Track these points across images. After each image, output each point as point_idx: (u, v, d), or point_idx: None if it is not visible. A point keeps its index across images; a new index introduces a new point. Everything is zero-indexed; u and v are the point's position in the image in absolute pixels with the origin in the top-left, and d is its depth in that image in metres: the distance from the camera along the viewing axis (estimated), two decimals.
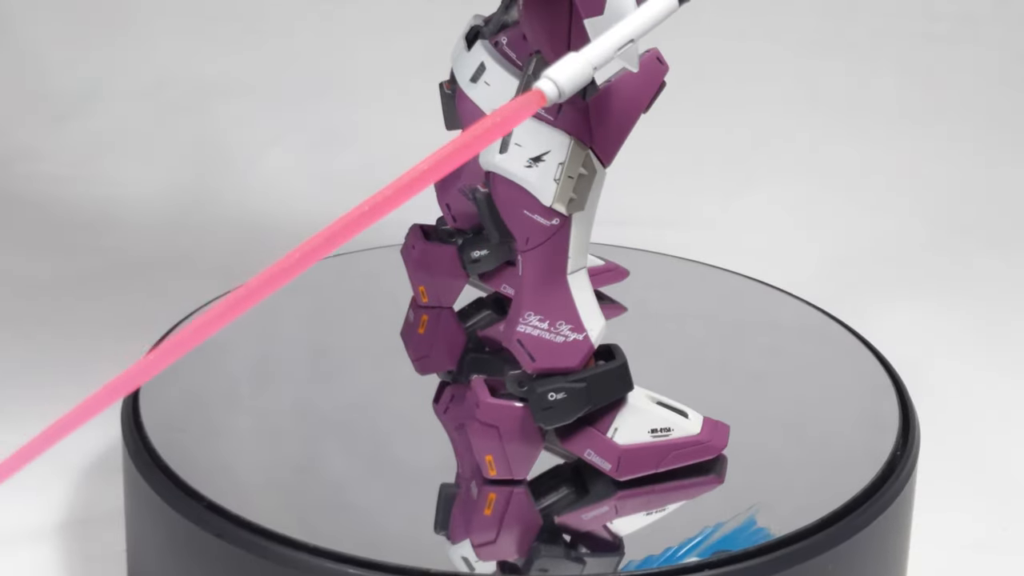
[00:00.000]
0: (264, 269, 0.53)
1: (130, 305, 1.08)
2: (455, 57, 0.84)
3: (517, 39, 0.82)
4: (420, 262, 0.89)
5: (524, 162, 0.69)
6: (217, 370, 0.88)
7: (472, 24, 0.84)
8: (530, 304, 0.72)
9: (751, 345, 0.92)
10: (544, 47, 0.70)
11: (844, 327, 0.93)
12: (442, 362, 0.87)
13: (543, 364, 0.72)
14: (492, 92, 0.81)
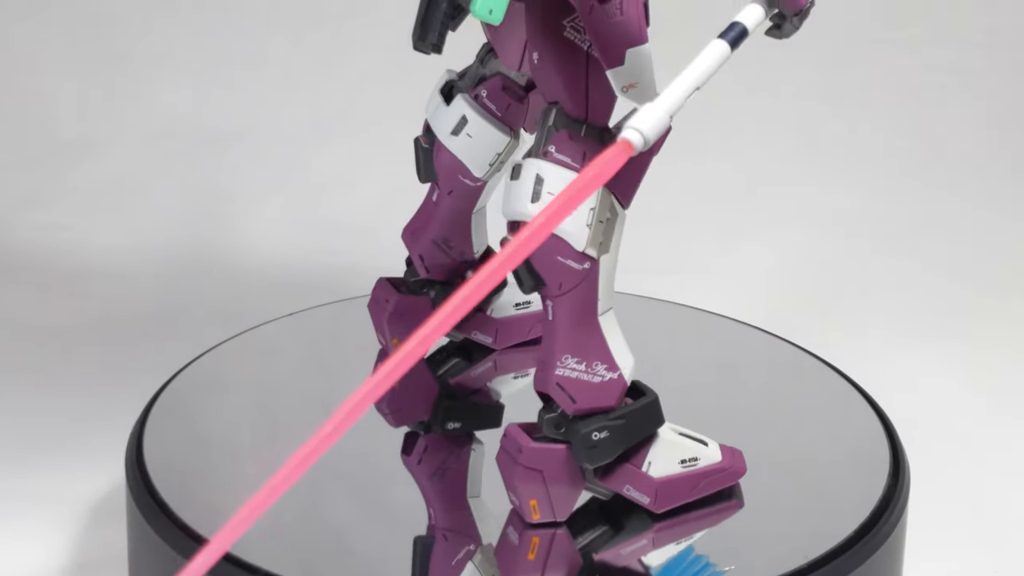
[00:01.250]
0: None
1: (131, 351, 1.08)
2: (431, 111, 0.86)
3: (496, 91, 0.84)
4: (395, 315, 0.89)
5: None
6: (219, 414, 0.89)
7: (447, 78, 0.86)
8: (566, 347, 0.73)
9: (744, 388, 0.93)
10: (562, 97, 0.72)
11: (835, 371, 0.94)
12: (416, 413, 0.87)
13: (584, 405, 0.73)
14: (474, 144, 0.84)
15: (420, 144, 0.86)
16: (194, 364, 0.92)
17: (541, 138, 0.72)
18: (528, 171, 0.72)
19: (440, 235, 0.88)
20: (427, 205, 0.89)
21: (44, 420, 0.99)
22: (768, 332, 1.00)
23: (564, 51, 0.72)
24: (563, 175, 0.71)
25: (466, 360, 0.92)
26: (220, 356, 0.94)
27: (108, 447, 0.91)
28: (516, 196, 0.72)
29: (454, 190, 0.87)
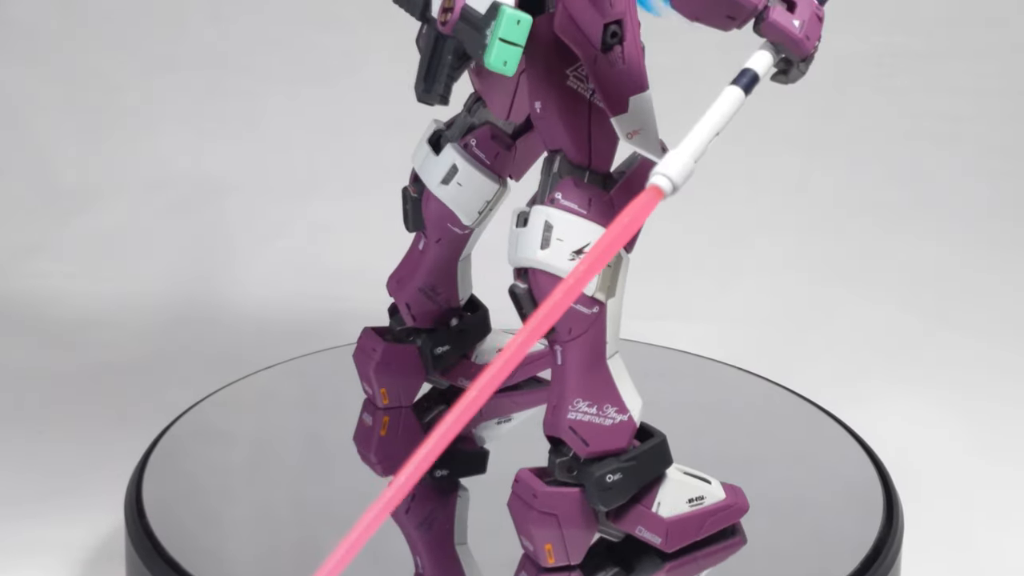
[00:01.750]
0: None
1: (131, 398, 1.08)
2: (420, 161, 0.87)
3: (486, 140, 0.85)
4: (382, 364, 0.90)
5: (567, 256, 0.72)
6: (218, 461, 0.90)
7: (434, 128, 0.87)
8: (577, 391, 0.74)
9: (738, 432, 0.93)
10: (566, 145, 0.73)
11: (829, 416, 0.94)
12: (404, 461, 0.88)
13: (596, 448, 0.74)
14: (464, 192, 0.85)
15: (409, 194, 0.87)
16: (192, 410, 0.93)
17: (546, 186, 0.73)
18: (536, 218, 0.72)
19: (427, 283, 0.89)
20: (413, 254, 0.90)
21: (44, 467, 1.00)
22: (761, 376, 1.00)
23: (567, 100, 0.73)
24: (571, 221, 0.72)
25: (450, 407, 0.93)
26: (218, 402, 0.94)
27: (107, 493, 0.91)
28: (525, 243, 0.73)
29: (442, 238, 0.87)
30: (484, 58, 0.67)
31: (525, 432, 0.91)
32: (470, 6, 0.70)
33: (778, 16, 0.69)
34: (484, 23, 0.68)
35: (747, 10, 0.68)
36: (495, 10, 0.67)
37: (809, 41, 0.70)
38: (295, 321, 1.20)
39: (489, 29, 0.67)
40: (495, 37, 0.67)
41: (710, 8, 0.68)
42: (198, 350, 1.16)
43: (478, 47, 0.68)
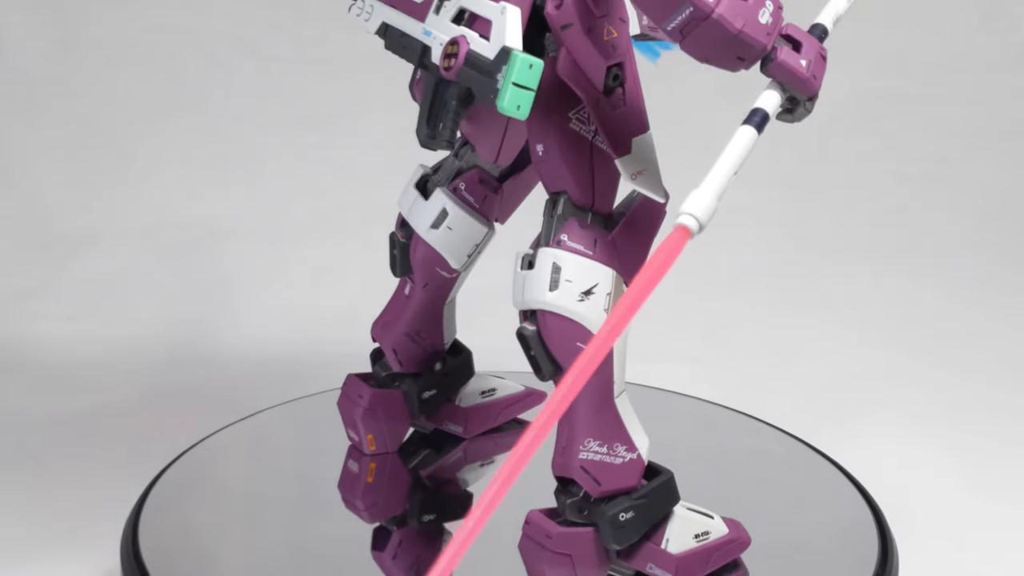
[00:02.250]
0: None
1: (127, 441, 1.08)
2: (408, 206, 0.87)
3: (474, 184, 0.85)
4: (369, 410, 0.90)
5: (576, 297, 0.73)
6: (214, 503, 0.90)
7: (421, 173, 0.87)
8: (587, 431, 0.74)
9: (735, 476, 0.94)
10: (570, 187, 0.74)
11: (825, 458, 0.95)
12: (391, 507, 0.88)
13: (608, 487, 0.75)
14: (454, 236, 0.85)
15: (397, 239, 0.88)
16: (189, 453, 0.93)
17: (550, 228, 0.74)
18: (544, 260, 0.73)
19: (413, 328, 0.90)
20: (398, 299, 0.90)
21: (40, 510, 0.99)
22: (759, 419, 1.01)
23: (570, 142, 0.73)
24: (579, 263, 0.73)
25: (436, 451, 0.93)
26: (215, 445, 0.95)
27: (104, 536, 0.91)
28: (533, 286, 0.73)
29: (429, 283, 0.88)
30: (497, 103, 0.68)
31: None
32: (475, 51, 0.70)
33: (786, 56, 0.69)
34: (494, 68, 0.68)
35: (756, 51, 0.69)
36: (506, 55, 0.68)
37: (816, 80, 0.71)
38: (291, 364, 1.21)
39: (501, 74, 0.68)
40: (508, 82, 0.67)
41: (720, 50, 0.68)
42: (194, 393, 1.16)
43: (489, 92, 0.69)
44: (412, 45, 0.76)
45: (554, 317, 0.73)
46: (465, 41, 0.71)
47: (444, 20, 0.74)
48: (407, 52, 0.76)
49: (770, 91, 0.70)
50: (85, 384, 1.18)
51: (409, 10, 0.77)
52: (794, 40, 0.70)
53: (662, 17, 0.67)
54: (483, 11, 0.72)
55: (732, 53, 0.68)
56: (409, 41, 0.76)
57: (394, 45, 0.77)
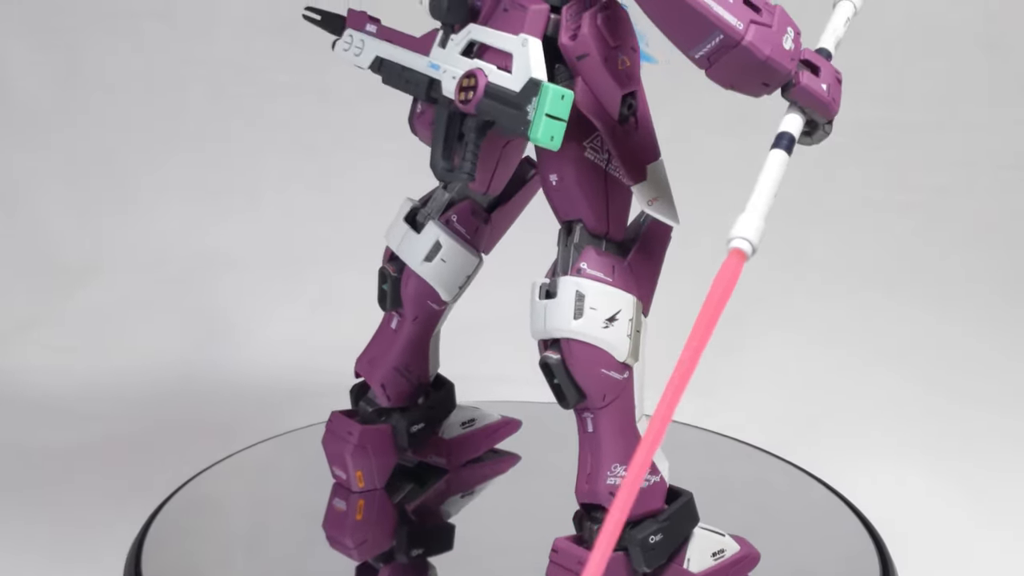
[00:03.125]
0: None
1: (130, 471, 1.08)
2: (398, 240, 0.87)
3: (466, 215, 0.86)
4: (359, 446, 0.89)
5: (601, 324, 0.73)
6: (216, 532, 0.90)
7: (410, 206, 0.87)
8: (613, 456, 0.75)
9: (738, 506, 0.94)
10: (585, 215, 0.74)
11: (827, 488, 0.95)
12: (380, 543, 0.88)
13: (637, 511, 0.76)
14: (447, 268, 0.86)
15: (388, 273, 0.87)
16: (191, 483, 0.93)
17: (567, 257, 0.75)
18: (566, 289, 0.73)
19: (401, 362, 0.89)
20: (385, 333, 0.90)
21: (43, 539, 0.99)
22: (759, 448, 1.01)
23: (586, 171, 0.74)
24: (602, 290, 0.73)
25: (419, 485, 0.93)
26: (216, 475, 0.95)
27: (106, 567, 0.91)
28: (557, 314, 0.73)
29: (419, 316, 0.88)
30: (531, 134, 0.68)
31: (488, 506, 0.92)
32: (496, 84, 0.71)
33: (808, 81, 0.70)
34: (523, 100, 0.69)
35: (782, 76, 0.69)
36: (536, 87, 0.69)
37: (835, 103, 0.72)
38: (291, 394, 1.21)
39: (531, 105, 0.68)
40: (541, 113, 0.68)
41: (747, 76, 0.69)
42: (195, 423, 1.16)
43: (519, 123, 0.69)
44: (416, 79, 0.76)
45: (579, 345, 0.73)
46: (482, 74, 0.71)
47: (453, 53, 0.74)
48: (410, 86, 0.77)
49: (792, 115, 0.71)
50: (86, 414, 1.18)
51: (409, 45, 0.78)
52: (812, 64, 0.71)
53: (691, 45, 0.68)
54: (500, 44, 0.72)
55: (758, 79, 0.69)
56: (412, 75, 0.76)
57: (394, 79, 0.78)
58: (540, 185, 0.80)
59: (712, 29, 0.67)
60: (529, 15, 0.73)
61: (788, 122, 0.70)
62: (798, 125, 0.70)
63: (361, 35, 0.81)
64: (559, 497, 0.82)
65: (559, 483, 0.82)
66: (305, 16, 0.84)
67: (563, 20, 0.72)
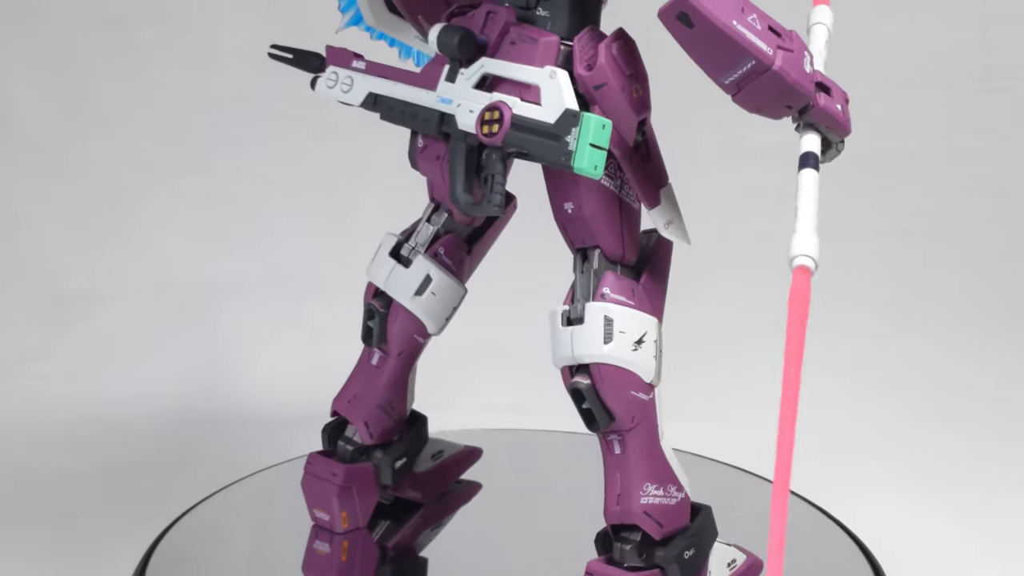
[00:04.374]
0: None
1: (132, 500, 1.08)
2: (384, 276, 0.85)
3: (452, 247, 0.85)
4: (345, 487, 0.88)
5: (631, 347, 0.74)
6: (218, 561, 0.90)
7: (394, 241, 0.86)
8: (644, 476, 0.76)
9: (737, 533, 0.93)
10: (604, 241, 0.75)
11: (830, 518, 0.95)
12: None
13: (669, 528, 0.76)
14: (437, 302, 0.85)
15: (376, 309, 0.86)
16: (193, 511, 0.93)
17: (588, 283, 0.75)
18: (594, 315, 0.74)
19: (385, 399, 0.88)
20: (365, 370, 0.88)
21: (45, 570, 0.99)
22: (758, 475, 1.01)
23: (603, 198, 0.75)
24: (628, 313, 0.74)
25: (396, 521, 0.92)
26: (219, 503, 0.95)
27: None
28: (586, 340, 0.74)
29: (404, 351, 0.87)
30: (575, 164, 0.69)
31: (463, 535, 0.92)
32: (524, 116, 0.71)
33: (826, 102, 0.72)
34: (560, 131, 0.69)
35: (804, 99, 0.71)
36: (575, 117, 0.69)
37: (849, 122, 0.73)
38: (293, 422, 1.21)
39: (571, 136, 0.69)
40: (584, 143, 0.69)
41: (773, 100, 0.71)
42: (196, 452, 1.16)
43: (559, 154, 0.69)
44: (425, 114, 0.76)
45: (610, 368, 0.74)
46: (506, 106, 0.72)
47: (465, 87, 0.74)
48: (417, 121, 0.76)
49: (810, 135, 0.72)
50: (88, 444, 1.18)
51: (408, 79, 0.78)
52: (824, 86, 0.72)
53: (723, 71, 0.69)
54: (521, 76, 0.73)
55: (783, 102, 0.71)
56: (419, 110, 0.76)
57: (395, 115, 0.78)
58: (509, 216, 0.82)
59: (745, 56, 0.68)
60: (541, 47, 0.73)
61: (809, 142, 0.72)
62: (818, 144, 0.72)
63: (347, 72, 0.80)
64: (530, 523, 0.84)
65: (524, 508, 0.84)
66: (273, 55, 0.83)
67: (576, 51, 0.73)
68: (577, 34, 0.74)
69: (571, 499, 0.94)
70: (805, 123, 0.72)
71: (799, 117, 0.72)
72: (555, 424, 1.06)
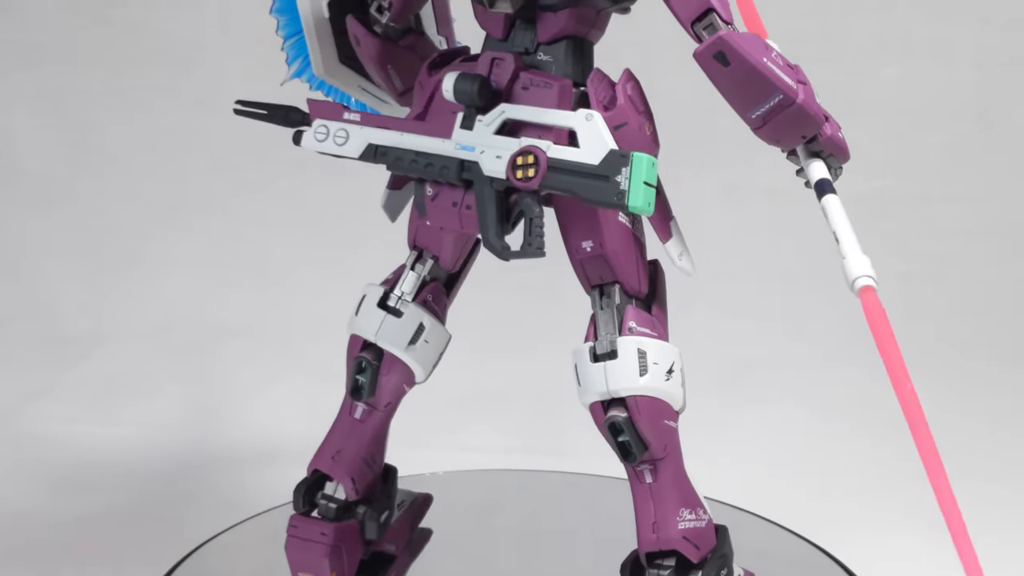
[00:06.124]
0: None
1: (135, 541, 1.09)
2: (375, 328, 0.83)
3: (437, 294, 0.85)
4: (335, 547, 0.86)
5: (663, 377, 0.76)
6: None
7: (382, 291, 0.84)
8: (678, 502, 0.77)
9: None
10: (625, 277, 0.77)
11: (830, 558, 0.95)
12: None
13: (704, 550, 0.78)
14: (430, 349, 0.84)
15: (369, 363, 0.83)
16: (197, 553, 0.93)
17: (611, 318, 0.76)
18: (627, 349, 0.75)
19: (368, 452, 0.86)
20: (346, 425, 0.87)
21: None
22: (756, 515, 1.01)
23: (622, 235, 0.77)
24: (657, 345, 0.76)
25: (373, 574, 0.90)
26: (222, 545, 0.95)
27: None
28: (621, 374, 0.75)
29: (392, 402, 0.86)
30: (630, 203, 0.69)
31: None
32: (562, 158, 0.71)
33: (832, 131, 0.74)
34: (609, 171, 0.70)
35: (817, 127, 0.73)
36: (624, 158, 0.70)
37: (848, 148, 0.75)
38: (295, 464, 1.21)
39: (621, 175, 0.70)
40: (638, 181, 0.69)
41: (793, 131, 0.73)
42: (199, 493, 1.17)
43: (610, 194, 0.70)
44: (438, 162, 0.76)
45: (646, 400, 0.75)
46: (540, 150, 0.72)
47: (486, 134, 0.74)
48: (431, 170, 0.76)
49: (817, 162, 0.74)
50: (91, 484, 1.18)
51: (418, 129, 0.77)
52: (825, 115, 0.74)
53: (752, 106, 0.72)
54: (554, 120, 0.73)
55: (800, 132, 0.73)
56: (432, 159, 0.76)
57: (404, 165, 0.77)
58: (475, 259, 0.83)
59: (774, 91, 0.71)
60: (557, 91, 0.74)
61: (818, 170, 0.74)
62: (826, 171, 0.74)
63: (339, 124, 0.79)
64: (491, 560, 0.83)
65: (479, 549, 0.85)
66: (240, 112, 0.82)
67: (591, 93, 0.74)
68: (576, 76, 0.75)
69: (565, 538, 0.95)
70: (811, 151, 0.74)
71: (806, 146, 0.74)
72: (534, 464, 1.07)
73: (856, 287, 0.68)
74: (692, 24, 0.73)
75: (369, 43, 0.81)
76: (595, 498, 1.05)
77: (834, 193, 0.72)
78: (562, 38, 0.76)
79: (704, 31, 0.72)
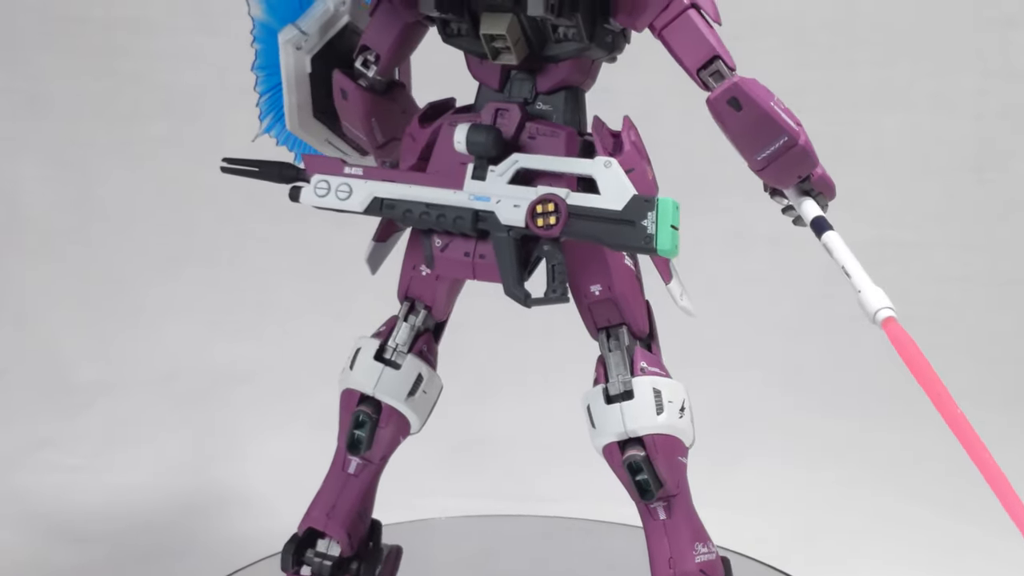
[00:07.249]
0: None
1: None
2: (372, 382, 0.83)
3: (430, 343, 0.86)
4: None
5: (678, 414, 0.78)
6: None
7: (377, 344, 0.84)
8: (692, 537, 0.79)
9: None
10: (632, 318, 0.79)
11: None
12: None
13: None
14: (427, 398, 0.85)
15: (368, 416, 0.83)
16: None
17: (621, 360, 0.78)
18: (643, 389, 0.77)
19: (361, 506, 0.86)
20: (339, 480, 0.87)
21: None
22: (762, 562, 1.01)
23: (628, 278, 0.79)
24: (669, 384, 0.78)
25: None
26: None
27: None
28: (638, 414, 0.77)
29: (386, 454, 0.86)
30: (658, 246, 0.70)
31: None
32: (583, 205, 0.73)
33: (822, 170, 0.76)
34: (635, 216, 0.71)
35: (812, 166, 0.75)
36: (649, 202, 0.71)
37: (834, 186, 0.77)
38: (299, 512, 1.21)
39: (647, 220, 0.71)
40: (665, 225, 0.71)
41: (792, 171, 0.75)
42: (202, 541, 1.17)
43: (638, 238, 0.71)
44: (451, 213, 0.76)
45: (663, 438, 0.77)
46: (560, 198, 0.73)
47: (499, 183, 0.75)
48: (444, 221, 0.76)
49: (808, 201, 0.76)
50: (92, 534, 1.18)
51: (426, 181, 0.77)
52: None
53: (758, 149, 0.74)
54: (572, 168, 0.74)
55: (797, 172, 0.75)
56: (445, 210, 0.76)
57: (414, 218, 0.77)
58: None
59: (780, 134, 0.73)
60: (564, 139, 0.76)
61: (812, 208, 0.75)
62: (818, 208, 0.75)
63: (340, 179, 0.79)
64: None
65: None
66: (227, 170, 0.83)
67: (596, 140, 0.76)
68: (575, 123, 0.77)
69: None
70: (803, 190, 0.75)
71: (798, 185, 0.75)
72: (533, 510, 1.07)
73: (878, 319, 0.69)
74: (698, 71, 0.74)
75: (357, 96, 0.82)
76: (599, 543, 1.05)
77: (832, 229, 0.74)
78: (561, 88, 0.77)
79: (711, 78, 0.74)
